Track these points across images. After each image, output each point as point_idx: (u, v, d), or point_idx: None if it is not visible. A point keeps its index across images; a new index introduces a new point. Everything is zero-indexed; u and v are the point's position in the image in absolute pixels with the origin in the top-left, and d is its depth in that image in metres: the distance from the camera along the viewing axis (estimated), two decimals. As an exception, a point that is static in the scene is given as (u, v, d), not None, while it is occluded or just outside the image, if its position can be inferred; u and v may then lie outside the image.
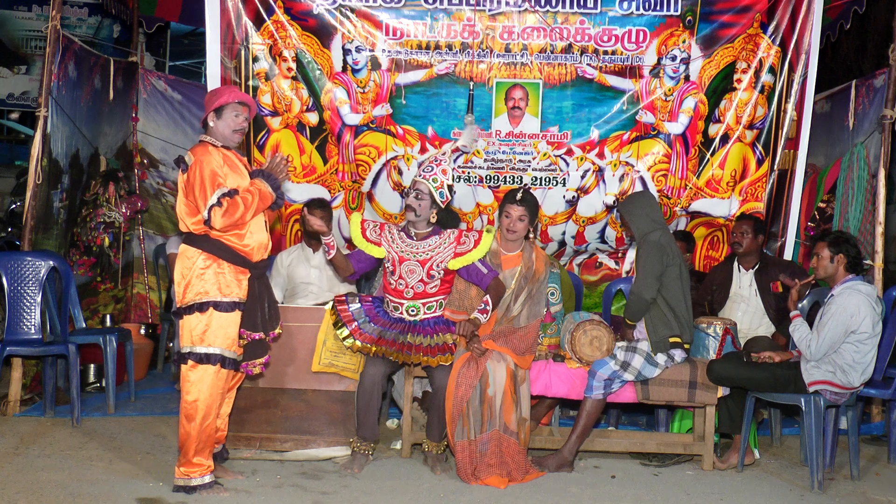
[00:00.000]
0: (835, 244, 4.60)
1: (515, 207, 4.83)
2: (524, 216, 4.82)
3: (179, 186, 4.14)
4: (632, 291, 4.76)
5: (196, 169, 4.04)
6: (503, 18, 6.03)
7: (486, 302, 4.68)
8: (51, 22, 5.57)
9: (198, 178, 4.03)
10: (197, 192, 4.02)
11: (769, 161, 6.17)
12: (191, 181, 4.05)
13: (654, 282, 4.68)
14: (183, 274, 4.12)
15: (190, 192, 4.06)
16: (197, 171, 4.04)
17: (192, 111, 7.49)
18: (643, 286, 4.68)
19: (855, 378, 4.51)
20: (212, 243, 4.10)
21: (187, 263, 4.11)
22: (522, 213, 4.82)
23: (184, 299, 4.11)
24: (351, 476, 4.49)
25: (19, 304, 5.38)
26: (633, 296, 4.74)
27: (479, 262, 4.73)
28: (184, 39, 11.10)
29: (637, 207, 4.88)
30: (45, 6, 9.76)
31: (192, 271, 4.10)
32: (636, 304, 4.72)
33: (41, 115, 5.56)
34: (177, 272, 4.16)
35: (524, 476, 4.52)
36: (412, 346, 4.60)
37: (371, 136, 6.13)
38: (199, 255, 4.10)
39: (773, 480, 4.68)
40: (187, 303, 4.10)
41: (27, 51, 10.39)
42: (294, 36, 6.04)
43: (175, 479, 4.14)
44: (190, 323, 4.10)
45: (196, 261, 4.10)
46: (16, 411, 5.38)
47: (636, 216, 4.85)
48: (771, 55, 6.04)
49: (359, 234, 4.80)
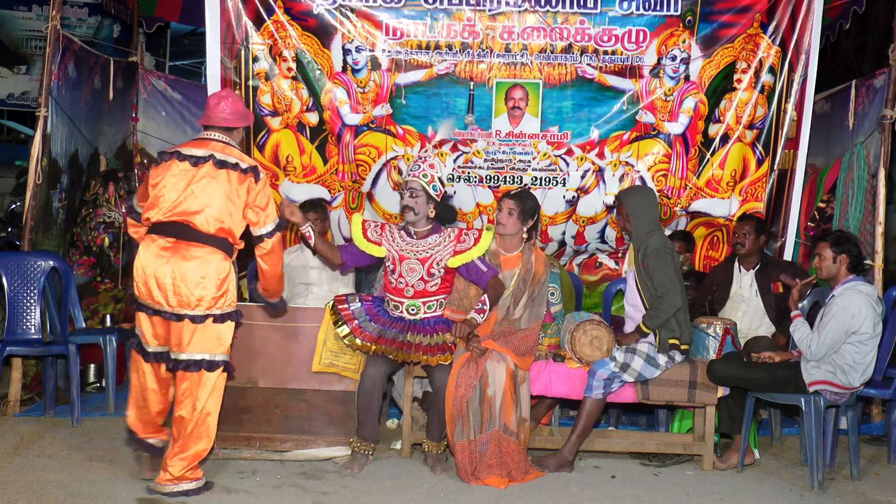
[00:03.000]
0: (837, 244, 4.59)
1: (506, 201, 4.87)
2: (513, 210, 4.82)
3: (234, 187, 4.05)
4: (660, 298, 4.67)
5: (267, 187, 4.14)
6: (503, 18, 6.03)
7: (484, 301, 4.68)
8: (51, 22, 5.57)
9: (270, 196, 4.15)
10: (268, 207, 4.13)
11: (769, 161, 6.17)
12: (265, 194, 4.13)
13: (679, 287, 4.68)
14: (222, 278, 4.07)
15: (257, 204, 4.10)
16: (268, 189, 4.14)
17: (192, 111, 7.49)
18: (673, 293, 4.65)
19: (855, 378, 4.51)
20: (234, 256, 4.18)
21: (225, 268, 4.09)
22: (511, 206, 4.83)
23: (216, 305, 4.05)
24: (351, 476, 4.49)
25: (19, 304, 5.38)
26: (663, 303, 4.66)
27: (478, 260, 4.73)
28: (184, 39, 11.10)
29: (643, 204, 4.86)
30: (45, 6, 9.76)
31: (230, 279, 4.08)
32: (666, 313, 4.66)
33: (41, 115, 5.56)
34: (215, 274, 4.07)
35: (524, 476, 4.52)
36: (412, 344, 4.60)
37: (371, 136, 6.13)
38: (230, 264, 4.12)
39: (773, 480, 4.68)
40: (224, 309, 4.08)
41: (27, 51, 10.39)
42: (294, 36, 6.03)
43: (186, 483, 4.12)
44: (226, 331, 4.10)
45: (230, 269, 4.12)
46: (16, 411, 5.38)
47: (640, 213, 4.83)
48: (771, 55, 6.04)
49: (360, 234, 4.82)
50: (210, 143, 4.12)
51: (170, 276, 3.99)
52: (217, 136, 4.16)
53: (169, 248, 4.01)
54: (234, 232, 4.09)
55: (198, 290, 3.99)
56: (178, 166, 4.04)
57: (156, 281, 4.00)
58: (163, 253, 4.01)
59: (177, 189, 4.03)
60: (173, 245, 4.01)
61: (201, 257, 4.01)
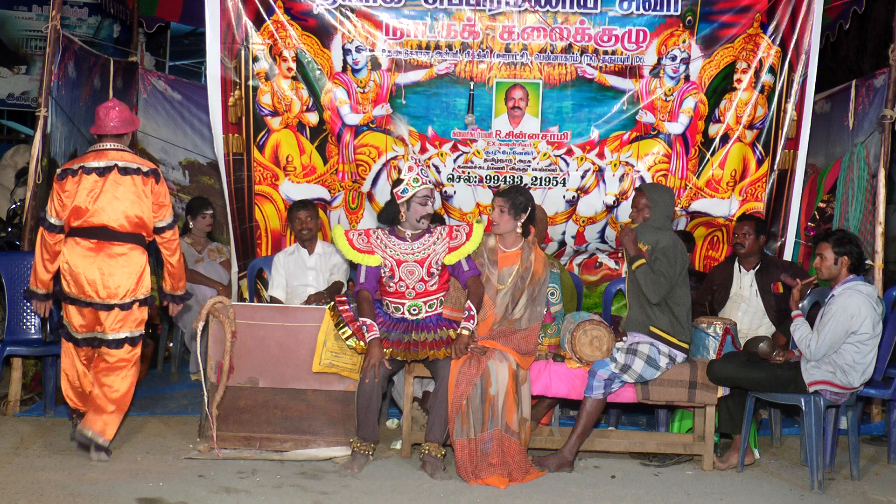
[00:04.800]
0: (840, 245, 4.58)
1: (496, 199, 4.89)
2: (503, 207, 4.82)
3: (140, 189, 4.62)
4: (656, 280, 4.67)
5: (165, 185, 4.82)
6: (503, 18, 6.03)
7: (470, 308, 4.69)
8: (51, 22, 5.57)
9: (167, 192, 4.80)
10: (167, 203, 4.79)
11: (769, 161, 6.17)
12: (165, 192, 4.75)
13: (670, 288, 4.68)
14: (142, 268, 4.69)
15: (160, 201, 4.69)
16: (166, 187, 4.82)
17: (192, 111, 7.50)
18: (661, 290, 4.66)
19: (855, 378, 4.51)
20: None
21: (143, 259, 4.70)
22: (501, 204, 4.83)
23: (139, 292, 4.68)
24: (351, 476, 4.49)
25: (19, 304, 5.38)
26: (658, 280, 4.65)
27: (464, 258, 4.77)
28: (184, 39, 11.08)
29: (664, 200, 4.88)
30: (45, 6, 9.74)
31: (147, 268, 4.71)
32: (654, 285, 4.65)
33: (41, 114, 5.56)
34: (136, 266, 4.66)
35: (524, 476, 4.52)
36: (418, 342, 4.62)
37: (371, 136, 6.13)
38: (146, 256, 4.74)
39: (773, 480, 4.68)
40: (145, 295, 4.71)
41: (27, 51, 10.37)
42: (294, 36, 6.03)
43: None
44: (144, 313, 4.71)
45: (146, 260, 4.73)
46: (16, 411, 5.38)
47: (662, 207, 4.84)
48: (771, 55, 6.04)
49: (349, 248, 4.80)
50: (108, 153, 4.63)
51: (98, 272, 4.52)
52: (111, 146, 4.65)
53: (93, 249, 4.55)
54: (147, 227, 4.65)
55: (124, 281, 4.58)
56: (87, 179, 4.56)
57: (84, 278, 4.53)
58: (88, 253, 4.55)
59: (91, 198, 4.55)
60: (96, 245, 4.55)
61: (125, 254, 4.59)
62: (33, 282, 4.68)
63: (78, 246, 4.56)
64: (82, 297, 4.57)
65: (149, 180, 4.63)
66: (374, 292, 4.82)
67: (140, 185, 4.60)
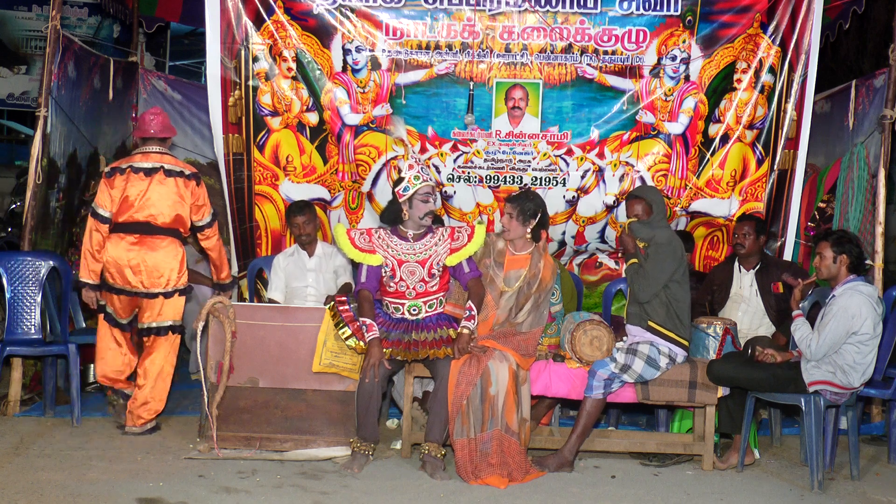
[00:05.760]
0: (839, 244, 4.58)
1: (505, 205, 4.93)
2: (512, 213, 4.85)
3: (181, 191, 5.09)
4: (644, 278, 4.74)
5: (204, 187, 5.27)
6: (503, 18, 6.03)
7: (471, 308, 4.69)
8: (51, 22, 5.56)
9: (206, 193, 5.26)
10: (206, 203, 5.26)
11: (769, 161, 6.17)
12: (204, 193, 5.20)
13: (659, 287, 4.70)
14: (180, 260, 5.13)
15: (198, 202, 5.17)
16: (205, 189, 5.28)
17: (192, 111, 7.49)
18: (653, 285, 4.70)
19: (855, 378, 4.51)
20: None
21: (181, 252, 5.15)
22: (510, 210, 4.87)
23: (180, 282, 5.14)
24: (351, 476, 4.49)
25: (19, 304, 5.38)
26: (646, 278, 4.72)
27: (465, 260, 4.77)
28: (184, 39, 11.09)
29: (659, 197, 5.02)
30: (45, 6, 9.75)
31: (185, 260, 5.17)
32: (643, 282, 4.72)
33: (41, 115, 5.55)
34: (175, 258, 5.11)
35: (524, 476, 4.52)
36: (418, 342, 4.62)
37: (371, 136, 6.13)
38: (183, 249, 5.20)
39: (773, 480, 4.68)
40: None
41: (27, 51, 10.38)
42: (294, 36, 6.03)
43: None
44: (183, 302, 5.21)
45: (184, 253, 5.20)
46: (16, 411, 5.38)
47: (660, 206, 4.93)
48: (771, 55, 6.04)
49: (350, 246, 4.80)
50: (152, 155, 5.06)
51: (142, 263, 4.96)
52: (156, 149, 5.09)
53: (136, 243, 4.98)
54: (185, 224, 5.10)
55: (167, 271, 5.01)
56: (135, 177, 4.99)
57: (129, 268, 4.96)
58: (132, 247, 4.98)
59: (139, 195, 4.98)
60: (139, 239, 4.98)
61: (166, 246, 5.01)
62: (84, 273, 5.00)
63: (122, 241, 4.99)
64: (127, 287, 4.99)
65: (190, 183, 5.08)
66: (375, 292, 4.83)
67: (182, 187, 5.05)
